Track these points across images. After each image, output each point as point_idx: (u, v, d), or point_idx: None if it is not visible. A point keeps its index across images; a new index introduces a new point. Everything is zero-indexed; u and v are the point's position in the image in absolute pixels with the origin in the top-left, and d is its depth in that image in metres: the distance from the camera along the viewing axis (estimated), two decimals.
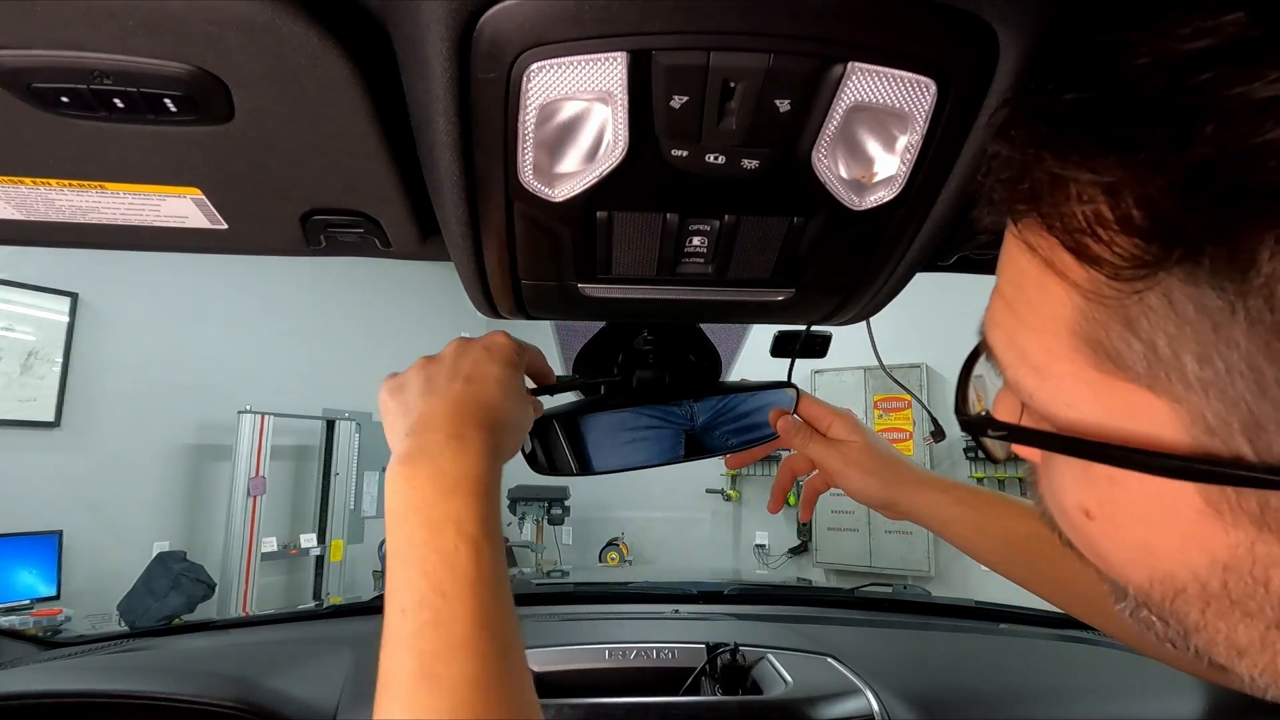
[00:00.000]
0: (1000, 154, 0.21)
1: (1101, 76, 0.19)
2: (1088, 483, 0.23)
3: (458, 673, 0.31)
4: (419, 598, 0.32)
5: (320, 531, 3.87)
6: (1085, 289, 0.20)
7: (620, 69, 0.27)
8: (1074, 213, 0.19)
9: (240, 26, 0.26)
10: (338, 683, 0.75)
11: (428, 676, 0.30)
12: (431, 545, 0.34)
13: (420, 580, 0.33)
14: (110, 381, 3.14)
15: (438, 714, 0.30)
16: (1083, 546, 0.25)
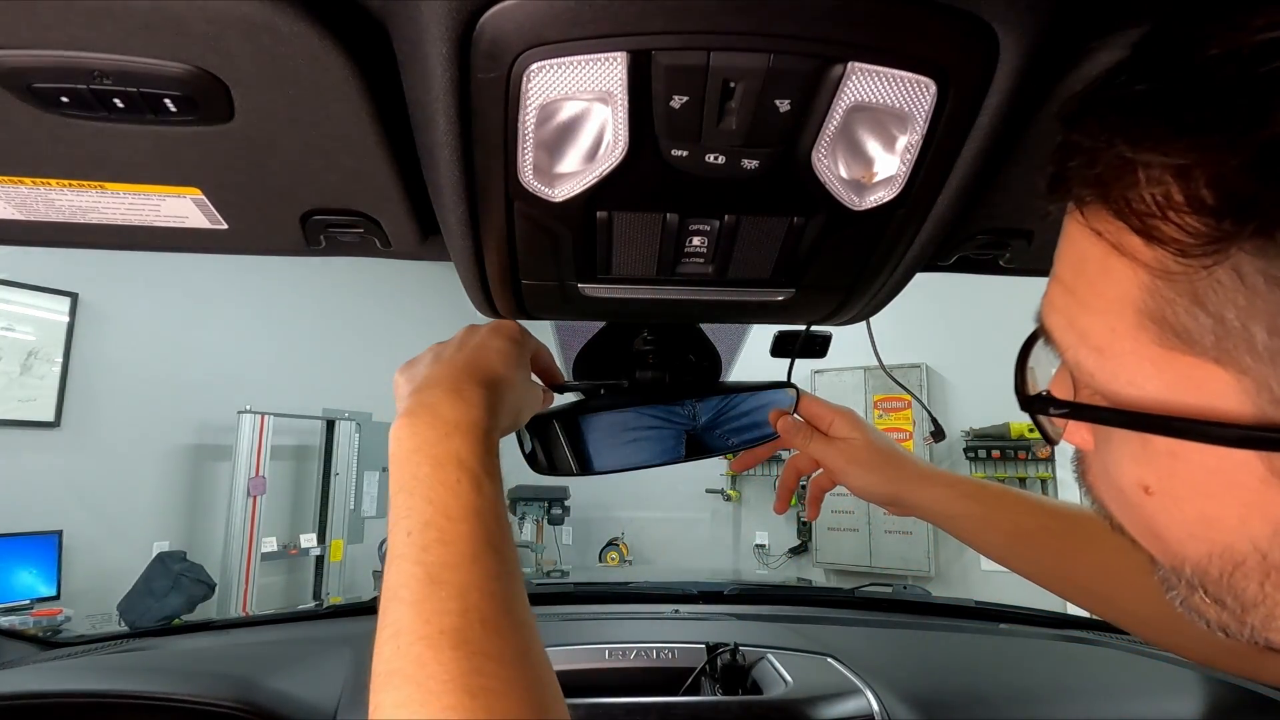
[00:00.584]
0: (1070, 143, 0.22)
1: (1173, 67, 0.20)
2: (1147, 459, 0.23)
3: (465, 579, 0.32)
4: (425, 520, 0.34)
5: (320, 531, 3.87)
6: (1153, 268, 0.21)
7: (620, 69, 0.27)
8: (1143, 196, 0.20)
9: (240, 26, 0.26)
10: (338, 683, 0.75)
11: (436, 582, 0.31)
12: (435, 479, 0.35)
13: (425, 506, 0.34)
14: (110, 381, 3.14)
15: (448, 615, 0.30)
16: (1138, 526, 0.26)
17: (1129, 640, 0.91)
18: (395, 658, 0.30)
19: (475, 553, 0.33)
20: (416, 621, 0.30)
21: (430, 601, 0.31)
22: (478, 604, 0.31)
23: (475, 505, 0.34)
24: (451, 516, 0.34)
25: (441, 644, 0.29)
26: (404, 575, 0.32)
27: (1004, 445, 3.48)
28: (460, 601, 0.31)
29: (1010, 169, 0.36)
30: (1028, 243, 0.45)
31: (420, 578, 0.32)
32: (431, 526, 0.33)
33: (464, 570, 0.32)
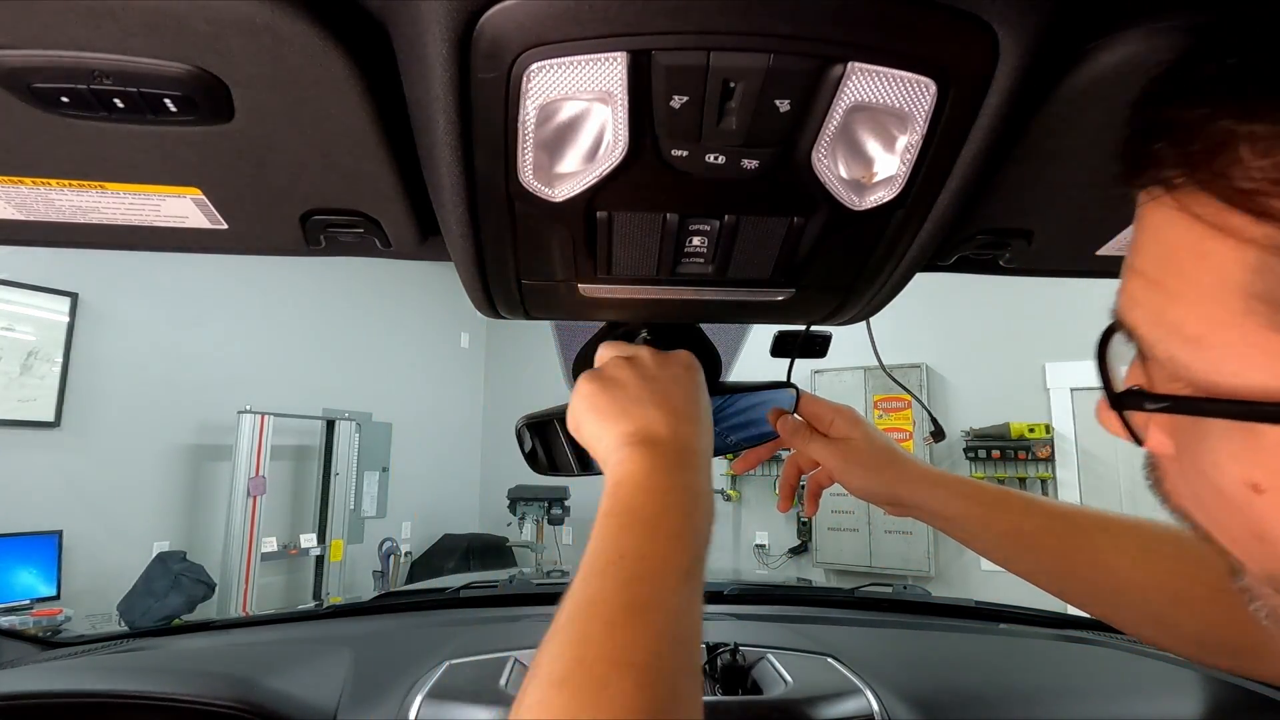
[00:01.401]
0: (1157, 123, 0.22)
1: (1266, 39, 0.20)
2: (1254, 454, 0.22)
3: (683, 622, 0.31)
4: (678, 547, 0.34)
5: (320, 531, 3.87)
6: (1263, 245, 0.19)
7: (620, 69, 0.27)
8: (1249, 169, 0.19)
9: (240, 26, 0.26)
10: (338, 683, 0.75)
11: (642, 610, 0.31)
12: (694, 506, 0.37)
13: (674, 540, 0.35)
14: (110, 381, 3.14)
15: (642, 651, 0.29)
16: (1240, 530, 0.24)
17: (1129, 640, 0.91)
18: (577, 670, 0.28)
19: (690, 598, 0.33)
20: (609, 646, 0.29)
21: (632, 630, 0.29)
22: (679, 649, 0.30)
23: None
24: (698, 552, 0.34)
25: (630, 676, 0.28)
26: (638, 594, 0.31)
27: (1004, 445, 3.48)
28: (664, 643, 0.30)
29: (1010, 169, 0.36)
30: (1028, 243, 0.45)
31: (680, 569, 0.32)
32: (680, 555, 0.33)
33: (683, 612, 0.31)
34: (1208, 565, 0.46)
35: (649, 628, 0.29)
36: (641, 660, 0.28)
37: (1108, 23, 0.28)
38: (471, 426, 5.26)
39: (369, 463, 4.22)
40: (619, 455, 0.40)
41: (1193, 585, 0.46)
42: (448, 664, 0.74)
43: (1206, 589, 0.45)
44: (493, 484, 4.92)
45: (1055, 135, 0.33)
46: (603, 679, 0.27)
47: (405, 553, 4.36)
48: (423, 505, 4.69)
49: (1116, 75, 0.29)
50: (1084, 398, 3.37)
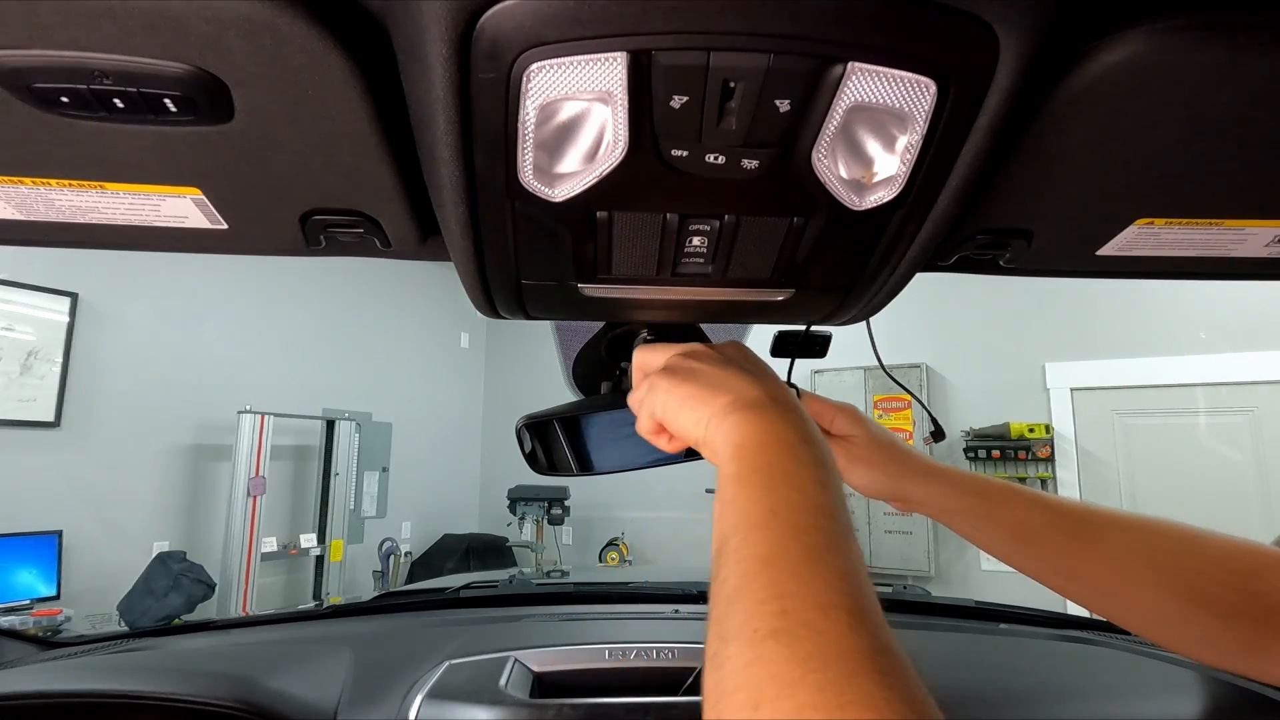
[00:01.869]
0: None
1: None
2: None
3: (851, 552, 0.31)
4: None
5: (320, 531, 3.87)
6: None
7: (620, 69, 0.27)
8: None
9: (240, 26, 0.26)
10: (338, 683, 0.75)
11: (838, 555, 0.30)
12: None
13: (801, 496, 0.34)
14: (110, 381, 3.14)
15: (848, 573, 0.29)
16: None
17: (1129, 640, 0.91)
18: (783, 622, 0.27)
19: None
20: (807, 593, 0.28)
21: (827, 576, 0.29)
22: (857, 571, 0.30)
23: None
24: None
25: (839, 616, 0.27)
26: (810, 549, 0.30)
27: (1004, 445, 3.48)
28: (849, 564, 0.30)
29: (1010, 169, 0.36)
30: (1028, 243, 0.45)
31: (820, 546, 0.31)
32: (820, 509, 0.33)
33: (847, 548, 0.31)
34: (1219, 564, 0.45)
35: (834, 571, 0.29)
36: (842, 601, 0.27)
37: (1108, 23, 0.28)
38: (471, 426, 5.25)
39: (369, 463, 4.22)
40: (728, 424, 0.39)
41: (1205, 584, 0.45)
42: (448, 664, 0.74)
43: (1219, 588, 0.45)
44: (493, 484, 4.92)
45: (1055, 135, 0.33)
46: (813, 624, 0.26)
47: (405, 553, 4.36)
48: (423, 505, 4.69)
49: (1116, 75, 0.29)
50: (1084, 398, 3.37)
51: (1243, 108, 0.31)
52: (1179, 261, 0.48)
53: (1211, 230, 0.43)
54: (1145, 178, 0.37)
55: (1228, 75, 0.29)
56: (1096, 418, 3.34)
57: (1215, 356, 3.08)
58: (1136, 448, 3.26)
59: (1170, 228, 0.43)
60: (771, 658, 0.26)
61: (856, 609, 0.27)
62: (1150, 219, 0.42)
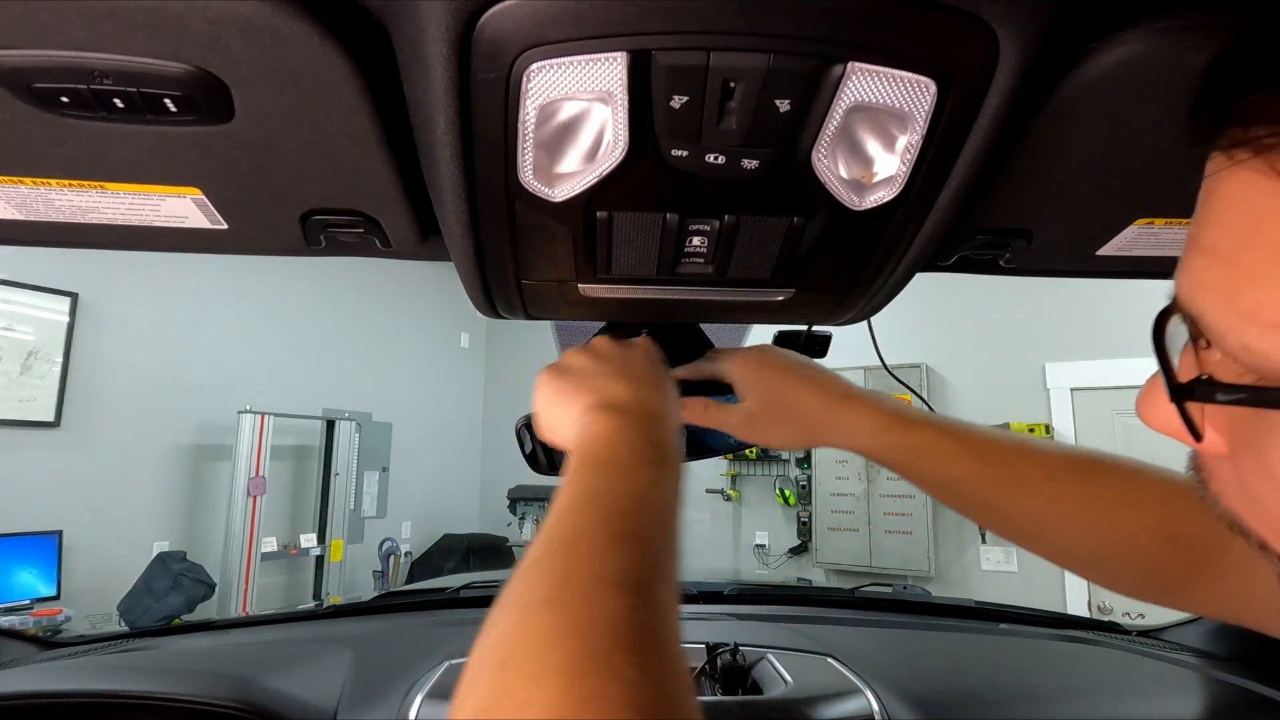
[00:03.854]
0: (1264, 67, 0.20)
1: None
2: None
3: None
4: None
5: (320, 531, 3.87)
6: None
7: (620, 69, 0.27)
8: None
9: (240, 26, 0.26)
10: (338, 683, 0.75)
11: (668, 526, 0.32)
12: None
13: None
14: (110, 381, 3.14)
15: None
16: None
17: (1129, 640, 0.91)
18: (563, 591, 0.27)
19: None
20: (598, 569, 0.28)
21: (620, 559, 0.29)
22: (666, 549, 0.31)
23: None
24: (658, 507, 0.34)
25: (621, 595, 0.27)
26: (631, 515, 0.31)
27: None
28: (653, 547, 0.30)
29: (1010, 169, 0.36)
30: (1028, 243, 0.45)
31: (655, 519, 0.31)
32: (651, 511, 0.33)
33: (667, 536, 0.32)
34: (1151, 511, 0.45)
35: (635, 556, 0.29)
36: (632, 582, 0.27)
37: (1108, 23, 0.28)
38: (471, 426, 5.25)
39: (369, 463, 4.22)
40: (584, 422, 0.40)
41: (1135, 533, 0.45)
42: (448, 664, 0.74)
43: (1148, 536, 0.45)
44: (493, 484, 4.92)
45: (1055, 135, 0.33)
46: (591, 596, 0.26)
47: (405, 553, 4.36)
48: (423, 505, 4.69)
49: (1116, 75, 0.29)
50: (1084, 398, 3.37)
51: None
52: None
53: None
54: (1145, 178, 0.37)
55: None
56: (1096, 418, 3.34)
57: None
58: (1136, 448, 3.23)
59: (1170, 228, 0.43)
60: (537, 623, 0.25)
61: (643, 592, 0.27)
62: (1150, 219, 0.42)
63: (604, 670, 0.23)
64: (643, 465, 0.35)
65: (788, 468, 4.02)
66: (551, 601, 0.26)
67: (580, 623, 0.25)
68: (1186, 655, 0.84)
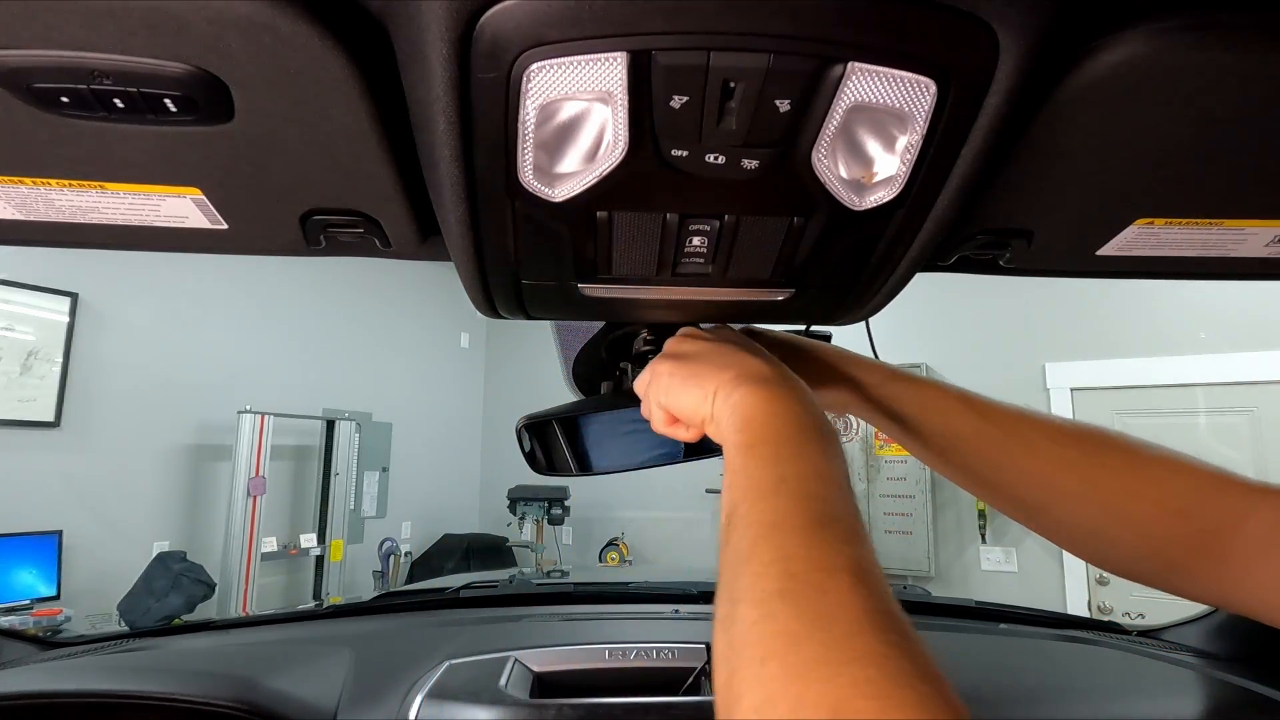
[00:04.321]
0: None
1: None
2: None
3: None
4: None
5: (320, 531, 3.87)
6: None
7: (620, 69, 0.27)
8: None
9: (240, 27, 0.26)
10: (338, 683, 0.75)
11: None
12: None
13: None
14: (110, 381, 3.14)
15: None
16: None
17: (1129, 640, 0.91)
18: (790, 583, 0.28)
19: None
20: (814, 557, 0.29)
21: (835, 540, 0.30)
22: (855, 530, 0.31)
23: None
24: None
25: (843, 578, 0.28)
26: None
27: None
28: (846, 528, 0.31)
29: (1010, 169, 0.36)
30: (1028, 243, 0.45)
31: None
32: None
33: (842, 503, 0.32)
34: (1155, 485, 0.44)
35: (838, 536, 0.30)
36: (846, 564, 0.28)
37: (1108, 23, 0.28)
38: (471, 426, 5.25)
39: (369, 463, 4.22)
40: (735, 397, 0.40)
41: (1138, 506, 0.44)
42: (448, 664, 0.74)
43: (1151, 509, 0.44)
44: (493, 484, 4.92)
45: (1055, 135, 0.33)
46: (820, 585, 0.27)
47: (405, 553, 4.36)
48: (423, 505, 4.69)
49: (1116, 75, 0.29)
50: (1084, 397, 3.37)
51: (1243, 108, 0.31)
52: (1179, 261, 0.48)
53: (1211, 230, 0.43)
54: (1145, 178, 0.37)
55: (1228, 75, 0.29)
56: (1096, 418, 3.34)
57: (1215, 356, 3.08)
58: None
59: (1170, 228, 0.43)
60: (779, 615, 0.26)
61: (859, 570, 0.28)
62: (1150, 219, 0.42)
63: (858, 654, 0.24)
64: (811, 437, 0.36)
65: None
66: (784, 593, 0.27)
67: (821, 611, 0.26)
68: (1186, 655, 0.84)
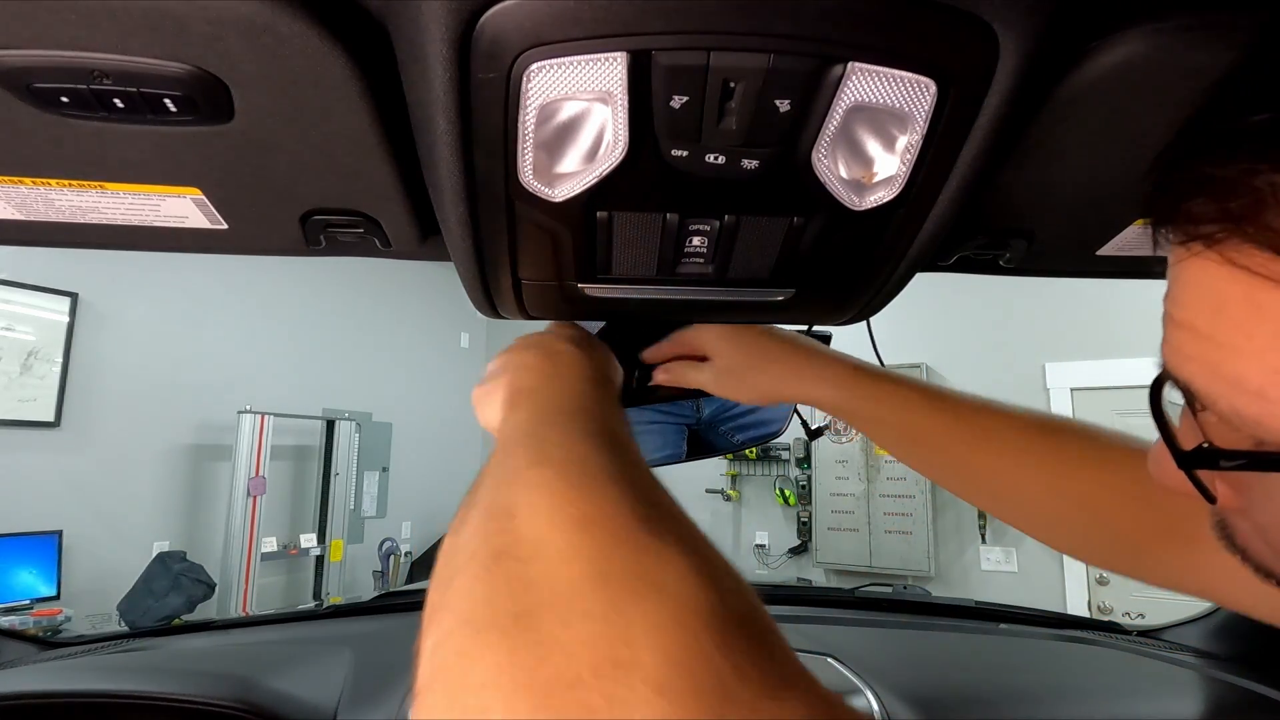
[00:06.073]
0: (1192, 178, 0.21)
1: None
2: None
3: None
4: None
5: (320, 531, 3.87)
6: None
7: (620, 69, 0.27)
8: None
9: (240, 27, 0.26)
10: (338, 683, 0.75)
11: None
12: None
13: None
14: (110, 381, 3.14)
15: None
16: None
17: (1129, 640, 0.91)
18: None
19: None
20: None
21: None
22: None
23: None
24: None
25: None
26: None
27: None
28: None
29: (1010, 169, 0.36)
30: (1028, 243, 0.45)
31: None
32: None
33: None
34: (1120, 474, 0.44)
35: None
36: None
37: (1108, 23, 0.28)
38: (471, 427, 5.24)
39: (369, 463, 4.22)
40: (504, 392, 0.40)
41: (1103, 494, 0.45)
42: None
43: (1117, 498, 0.44)
44: None
45: (1055, 135, 0.33)
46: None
47: (405, 553, 4.36)
48: (423, 505, 4.69)
49: (1116, 75, 0.29)
50: (1084, 397, 3.37)
51: None
52: None
53: None
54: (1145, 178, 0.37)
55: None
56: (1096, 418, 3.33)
57: None
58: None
59: None
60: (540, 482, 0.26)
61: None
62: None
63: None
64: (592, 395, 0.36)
65: (788, 468, 4.01)
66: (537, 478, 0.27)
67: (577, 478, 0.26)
68: (1186, 655, 0.84)
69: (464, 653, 0.19)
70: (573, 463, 0.27)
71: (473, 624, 0.20)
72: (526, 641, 0.18)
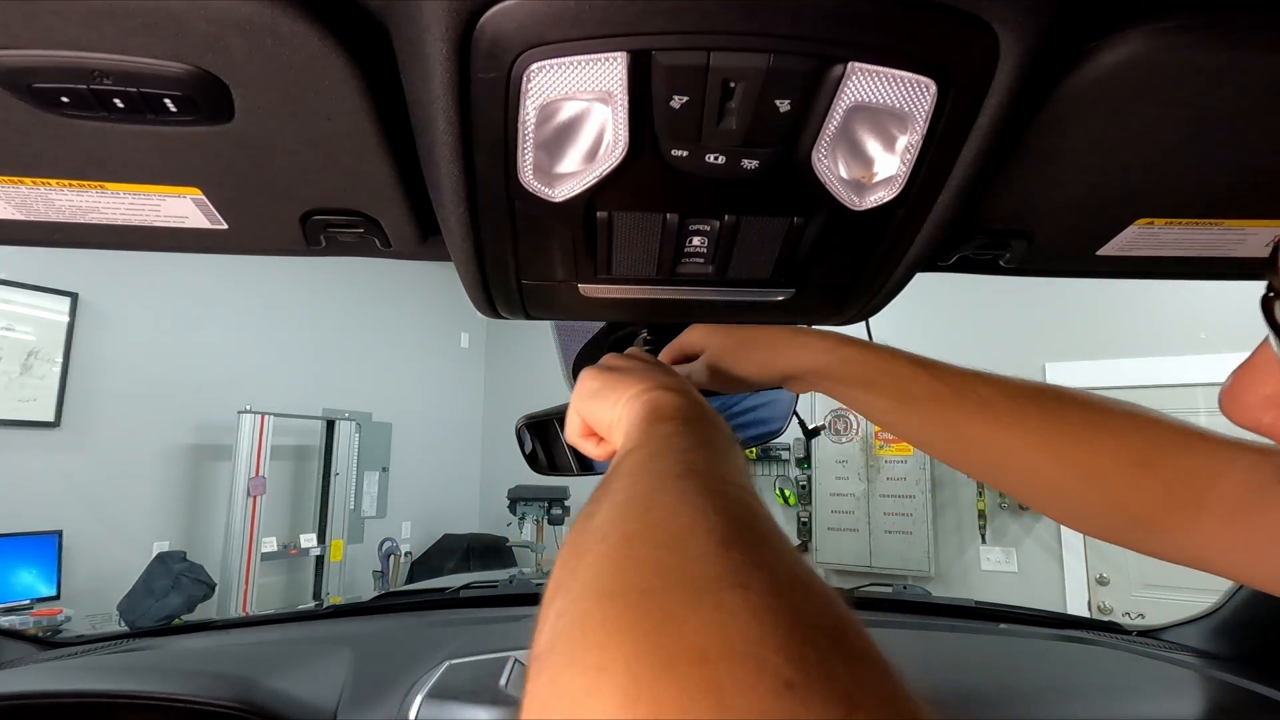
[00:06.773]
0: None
1: None
2: None
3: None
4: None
5: (320, 531, 3.87)
6: None
7: (620, 69, 0.27)
8: None
9: (240, 26, 0.26)
10: (338, 683, 0.75)
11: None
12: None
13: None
14: (110, 381, 3.14)
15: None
16: None
17: (1129, 640, 0.91)
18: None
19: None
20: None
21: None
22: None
23: None
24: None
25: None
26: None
27: None
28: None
29: (1010, 169, 0.36)
30: (1028, 243, 0.45)
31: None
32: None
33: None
34: (1116, 440, 0.44)
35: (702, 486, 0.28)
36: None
37: (1109, 22, 0.28)
38: (471, 426, 5.25)
39: (369, 463, 4.22)
40: (640, 399, 0.39)
41: (1099, 460, 0.44)
42: (448, 664, 0.75)
43: (1113, 464, 0.43)
44: (493, 484, 4.92)
45: (1055, 135, 0.33)
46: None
47: (405, 553, 4.36)
48: (423, 505, 4.69)
49: (1117, 75, 0.29)
50: None
51: (1243, 108, 0.31)
52: (1179, 261, 0.48)
53: (1211, 230, 0.43)
54: (1145, 178, 0.37)
55: (1228, 75, 0.29)
56: None
57: (1215, 356, 3.08)
58: None
59: (1170, 228, 0.43)
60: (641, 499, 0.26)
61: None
62: (1150, 219, 0.42)
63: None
64: (714, 426, 0.36)
65: (788, 468, 4.02)
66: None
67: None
68: (1186, 655, 0.84)
69: (588, 615, 0.18)
70: (714, 480, 0.26)
71: (599, 593, 0.19)
72: (653, 613, 0.17)
